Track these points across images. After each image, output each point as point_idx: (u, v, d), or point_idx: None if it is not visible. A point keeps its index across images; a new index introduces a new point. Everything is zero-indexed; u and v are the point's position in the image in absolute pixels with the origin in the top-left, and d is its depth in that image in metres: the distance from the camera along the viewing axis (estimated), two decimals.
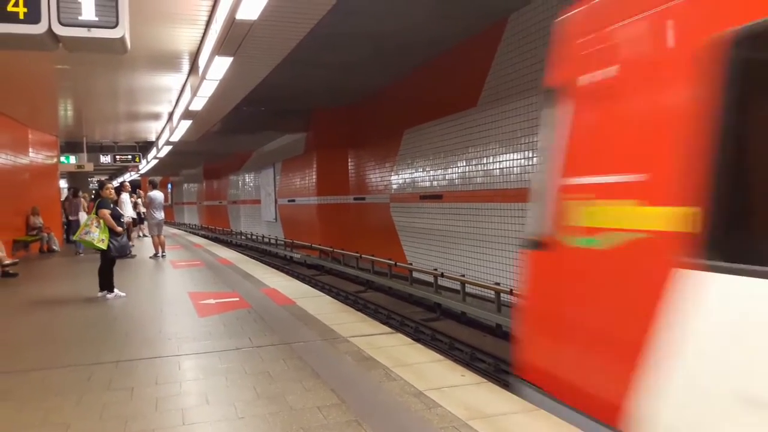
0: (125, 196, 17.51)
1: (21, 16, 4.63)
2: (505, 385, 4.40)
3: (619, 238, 3.12)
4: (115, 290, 8.68)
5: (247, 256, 17.13)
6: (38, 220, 16.65)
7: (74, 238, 8.82)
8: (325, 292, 10.99)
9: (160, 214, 14.59)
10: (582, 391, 3.36)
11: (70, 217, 18.00)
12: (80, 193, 18.79)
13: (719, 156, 2.59)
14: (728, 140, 2.59)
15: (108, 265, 8.71)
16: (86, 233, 8.32)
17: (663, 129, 2.92)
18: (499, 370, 8.63)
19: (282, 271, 15.68)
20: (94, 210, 8.56)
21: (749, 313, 2.43)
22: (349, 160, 22.38)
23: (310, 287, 9.20)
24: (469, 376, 4.57)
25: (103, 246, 8.34)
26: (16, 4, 4.62)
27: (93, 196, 14.87)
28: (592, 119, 3.45)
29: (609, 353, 3.19)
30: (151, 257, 14.34)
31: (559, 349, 3.66)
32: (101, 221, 8.39)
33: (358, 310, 10.04)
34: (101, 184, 9.25)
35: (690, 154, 2.69)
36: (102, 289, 8.69)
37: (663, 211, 2.84)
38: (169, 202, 52.33)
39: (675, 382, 2.73)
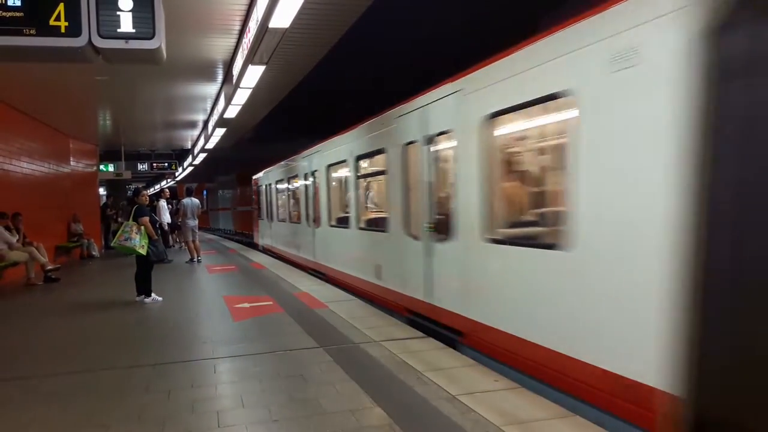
0: (163, 203, 17.89)
1: (62, 30, 4.81)
2: (540, 391, 4.35)
3: None
4: (153, 294, 8.86)
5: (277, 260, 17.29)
6: (79, 227, 17.12)
7: (113, 244, 9.00)
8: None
9: (192, 221, 14.90)
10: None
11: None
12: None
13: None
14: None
15: (146, 271, 8.92)
16: (126, 239, 8.52)
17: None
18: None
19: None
20: (132, 217, 8.76)
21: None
22: None
23: (342, 291, 9.23)
24: (503, 381, 4.53)
25: (143, 252, 8.56)
26: (57, 18, 4.79)
27: (128, 203, 15.29)
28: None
29: None
30: (186, 262, 14.63)
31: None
32: (141, 228, 8.60)
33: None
34: (136, 191, 9.46)
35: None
36: (139, 293, 8.89)
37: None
38: (204, 208, 53.17)
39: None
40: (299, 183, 13.78)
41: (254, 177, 20.84)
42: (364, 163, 9.54)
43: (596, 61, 3.99)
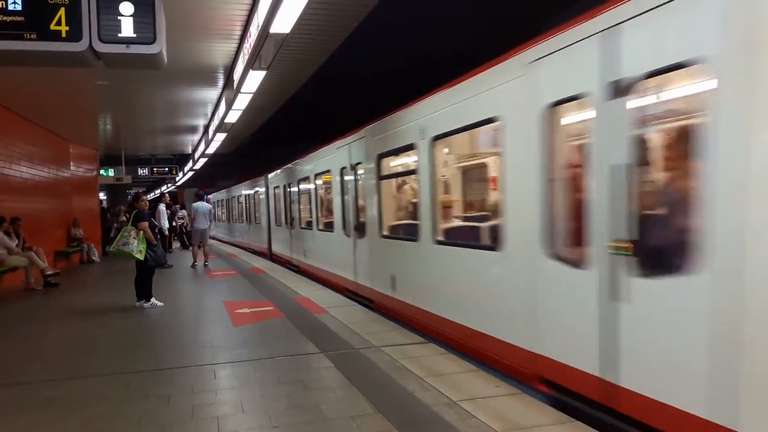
0: (162, 207, 17.88)
1: (63, 35, 4.81)
2: (541, 397, 4.33)
3: None
4: (152, 299, 8.84)
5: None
6: (78, 232, 17.12)
7: (111, 249, 8.97)
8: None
9: (199, 224, 14.85)
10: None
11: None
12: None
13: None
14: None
15: (146, 275, 8.91)
16: (124, 244, 8.49)
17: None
18: None
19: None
20: (131, 221, 8.75)
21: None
22: None
23: (343, 297, 9.21)
24: (504, 387, 4.51)
25: (141, 256, 8.53)
26: (58, 23, 4.79)
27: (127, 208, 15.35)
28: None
29: None
30: (191, 266, 14.61)
31: None
32: (140, 233, 8.57)
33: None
34: (136, 196, 9.45)
35: None
36: (139, 298, 8.87)
37: None
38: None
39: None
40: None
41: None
42: (318, 180, 12.28)
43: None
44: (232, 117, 12.24)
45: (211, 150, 18.29)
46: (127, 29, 4.91)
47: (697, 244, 3.17)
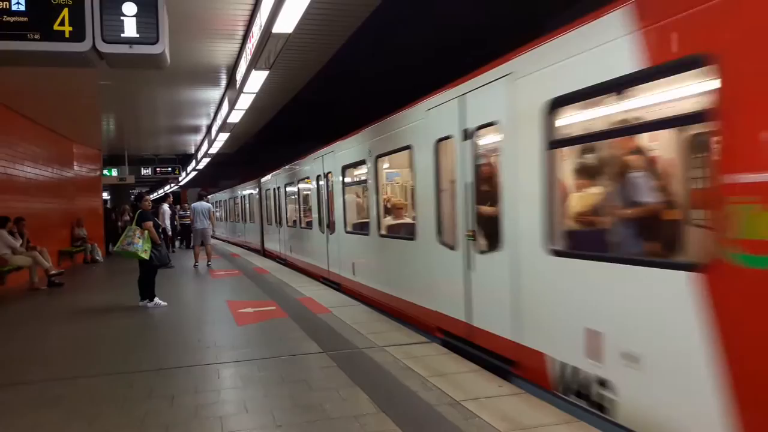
0: (165, 207, 17.89)
1: (67, 35, 4.82)
2: (544, 397, 4.32)
3: None
4: (156, 299, 8.86)
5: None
6: (82, 231, 17.16)
7: (116, 249, 8.98)
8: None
9: (199, 224, 14.86)
10: None
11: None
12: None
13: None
14: None
15: (150, 275, 8.93)
16: (129, 244, 8.50)
17: None
18: None
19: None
20: (135, 221, 8.76)
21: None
22: None
23: (346, 296, 9.21)
24: (507, 387, 4.51)
25: (146, 256, 8.55)
26: (62, 23, 4.80)
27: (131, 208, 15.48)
28: None
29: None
30: (193, 266, 14.63)
31: None
32: (144, 232, 8.59)
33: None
34: (139, 196, 9.46)
35: None
36: (143, 298, 8.89)
37: None
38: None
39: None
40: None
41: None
42: (301, 185, 13.95)
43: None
44: (235, 117, 12.26)
45: (214, 150, 18.31)
46: (130, 29, 4.92)
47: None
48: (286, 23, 6.41)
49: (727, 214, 2.94)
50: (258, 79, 8.95)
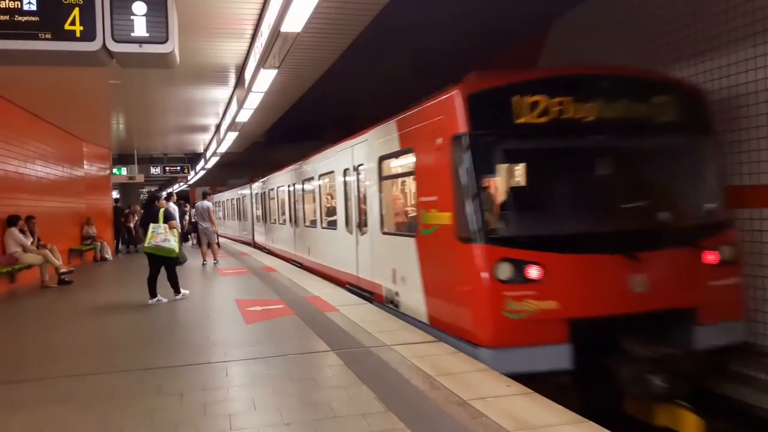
0: (172, 206, 17.97)
1: (78, 35, 4.85)
2: (553, 396, 4.31)
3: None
4: (182, 291, 9.33)
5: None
6: (92, 230, 17.27)
7: (147, 246, 8.96)
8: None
9: (204, 224, 14.95)
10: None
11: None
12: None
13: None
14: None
15: (174, 270, 9.31)
16: (164, 240, 8.82)
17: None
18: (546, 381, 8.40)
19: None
20: (162, 219, 8.97)
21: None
22: None
23: (354, 295, 9.22)
24: (515, 386, 4.50)
25: (177, 252, 9.08)
26: (72, 23, 4.84)
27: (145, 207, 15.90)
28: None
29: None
30: (201, 264, 14.70)
31: None
32: (173, 230, 8.94)
33: None
34: (155, 197, 9.68)
35: None
36: (152, 296, 8.96)
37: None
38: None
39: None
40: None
41: None
42: (279, 190, 17.32)
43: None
44: (244, 116, 12.29)
45: (222, 149, 18.37)
46: (140, 29, 4.95)
47: (367, 223, 8.93)
48: (295, 23, 6.42)
49: (420, 214, 6.64)
50: (266, 78, 8.98)
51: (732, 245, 6.00)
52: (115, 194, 27.72)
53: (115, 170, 22.00)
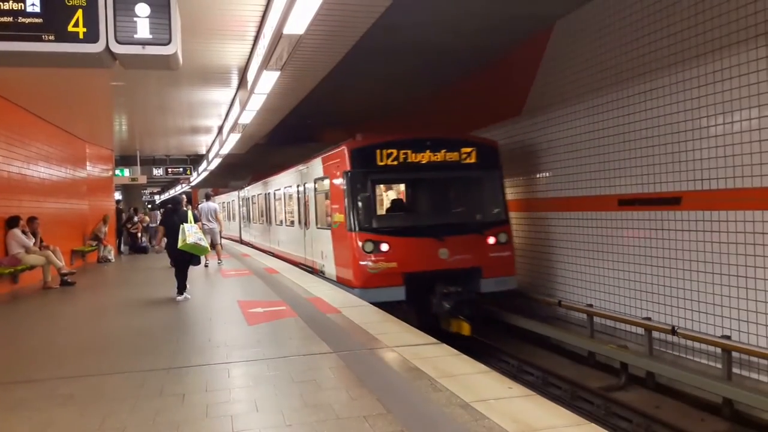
0: (211, 205, 18.16)
1: (81, 36, 4.85)
2: (555, 399, 4.31)
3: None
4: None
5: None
6: (105, 229, 17.36)
7: (188, 242, 8.92)
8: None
9: (210, 224, 15.02)
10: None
11: (152, 225, 22.32)
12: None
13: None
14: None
15: (186, 270, 9.61)
16: (200, 239, 9.15)
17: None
18: (548, 383, 8.45)
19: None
20: (191, 220, 9.30)
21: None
22: None
23: (355, 298, 9.22)
24: (517, 389, 4.50)
25: (209, 251, 9.89)
26: (76, 25, 4.84)
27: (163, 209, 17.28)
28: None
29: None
30: (204, 265, 14.73)
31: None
32: (201, 230, 9.38)
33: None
34: (178, 200, 10.23)
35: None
36: (181, 293, 9.45)
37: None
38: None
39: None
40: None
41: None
42: (258, 197, 21.93)
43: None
44: (246, 118, 12.31)
45: (225, 150, 18.40)
46: (143, 30, 4.95)
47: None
48: (297, 24, 6.43)
49: (332, 215, 11.09)
50: (269, 79, 8.99)
51: (506, 233, 10.59)
52: (117, 195, 27.76)
53: (117, 171, 22.04)
